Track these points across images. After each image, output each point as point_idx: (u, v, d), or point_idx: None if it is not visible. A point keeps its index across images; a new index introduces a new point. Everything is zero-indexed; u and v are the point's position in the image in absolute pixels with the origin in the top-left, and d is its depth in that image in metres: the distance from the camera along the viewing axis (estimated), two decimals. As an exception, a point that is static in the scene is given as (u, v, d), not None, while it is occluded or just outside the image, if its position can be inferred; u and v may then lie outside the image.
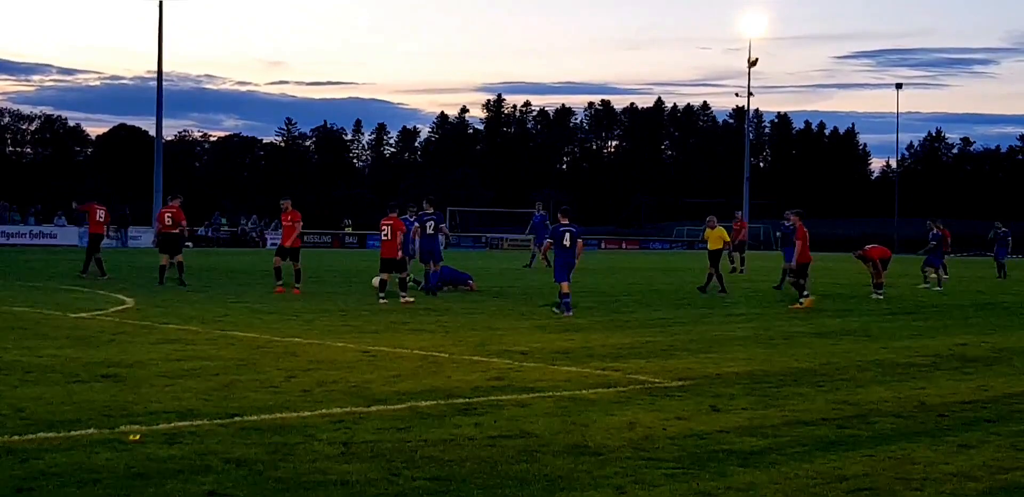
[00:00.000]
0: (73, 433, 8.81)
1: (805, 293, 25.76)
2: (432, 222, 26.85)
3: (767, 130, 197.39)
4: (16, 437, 8.59)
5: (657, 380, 12.59)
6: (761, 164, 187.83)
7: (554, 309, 22.28)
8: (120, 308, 20.75)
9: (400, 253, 24.19)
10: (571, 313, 21.76)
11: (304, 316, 19.83)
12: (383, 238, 24.54)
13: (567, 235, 22.70)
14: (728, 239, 28.20)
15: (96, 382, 11.50)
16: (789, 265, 27.60)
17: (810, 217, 45.20)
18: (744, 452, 8.78)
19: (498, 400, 10.94)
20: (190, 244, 26.50)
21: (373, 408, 10.30)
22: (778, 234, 43.98)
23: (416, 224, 26.48)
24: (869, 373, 13.86)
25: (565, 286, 22.22)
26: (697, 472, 8.09)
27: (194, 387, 11.21)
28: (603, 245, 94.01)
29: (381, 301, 23.53)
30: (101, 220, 31.72)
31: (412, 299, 23.89)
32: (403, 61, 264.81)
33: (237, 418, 9.59)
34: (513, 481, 7.71)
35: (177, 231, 28.79)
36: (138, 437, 8.57)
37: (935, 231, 38.27)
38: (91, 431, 8.91)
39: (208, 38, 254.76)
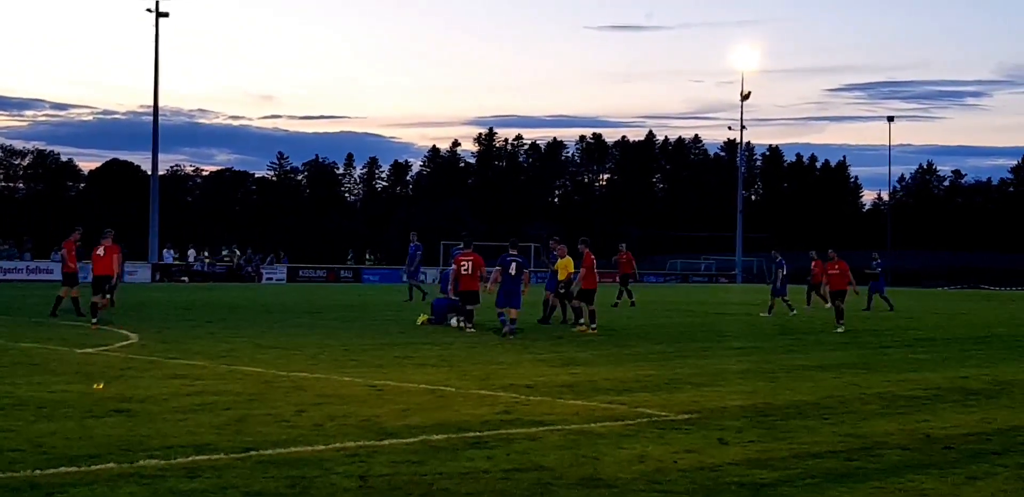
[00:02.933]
0: (94, 467, 8.91)
1: (582, 321, 26.78)
2: (515, 264, 26.16)
3: (759, 163, 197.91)
4: (38, 471, 8.68)
5: (663, 413, 12.71)
6: (753, 196, 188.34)
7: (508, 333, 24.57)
8: (125, 343, 20.84)
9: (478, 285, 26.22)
10: (512, 336, 24.28)
11: (308, 351, 19.92)
12: (463, 272, 26.28)
13: (513, 265, 25.64)
14: (572, 270, 27.91)
15: (110, 417, 11.59)
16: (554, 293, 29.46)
17: (802, 249, 45.49)
18: (755, 484, 8.90)
19: (508, 434, 11.06)
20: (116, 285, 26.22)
21: (386, 442, 10.41)
22: (768, 268, 44.10)
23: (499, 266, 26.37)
24: (873, 406, 13.99)
25: (513, 312, 25.10)
26: (711, 504, 8.21)
27: (207, 421, 11.32)
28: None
29: (469, 330, 25.68)
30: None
31: (472, 328, 25.79)
32: (395, 95, 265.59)
33: (253, 452, 9.70)
34: (531, 513, 7.84)
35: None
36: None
37: (877, 261, 40.14)
38: (111, 465, 9.01)
39: (201, 73, 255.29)
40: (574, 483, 8.79)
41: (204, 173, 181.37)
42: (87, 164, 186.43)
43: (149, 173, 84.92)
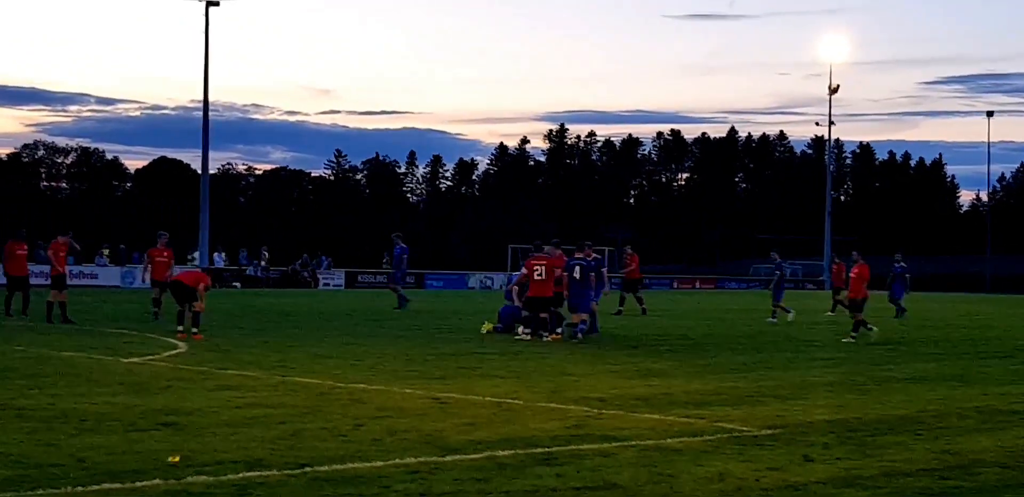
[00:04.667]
0: (139, 484, 8.96)
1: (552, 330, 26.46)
2: (579, 268, 26.72)
3: (848, 161, 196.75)
4: (80, 488, 8.75)
5: (745, 428, 12.64)
6: (842, 197, 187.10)
7: (576, 336, 25.78)
8: (173, 353, 21.03)
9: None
10: (581, 336, 25.77)
11: (367, 361, 20.01)
12: (536, 277, 26.24)
13: (577, 268, 26.51)
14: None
15: (156, 430, 11.67)
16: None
17: (895, 254, 45.20)
18: (843, 505, 8.84)
19: (579, 449, 11.03)
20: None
21: (448, 458, 10.42)
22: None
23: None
24: (970, 421, 13.86)
25: (584, 316, 26.40)
26: (795, 526, 8.16)
27: (259, 436, 11.38)
28: (675, 285, 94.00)
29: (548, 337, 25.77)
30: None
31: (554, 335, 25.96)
32: (460, 89, 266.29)
33: (308, 469, 9.73)
34: (602, 535, 7.83)
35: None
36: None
37: (900, 265, 39.75)
38: (157, 482, 9.04)
39: (255, 66, 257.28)
40: (648, 503, 8.77)
41: (257, 172, 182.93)
42: (134, 162, 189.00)
43: (199, 172, 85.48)
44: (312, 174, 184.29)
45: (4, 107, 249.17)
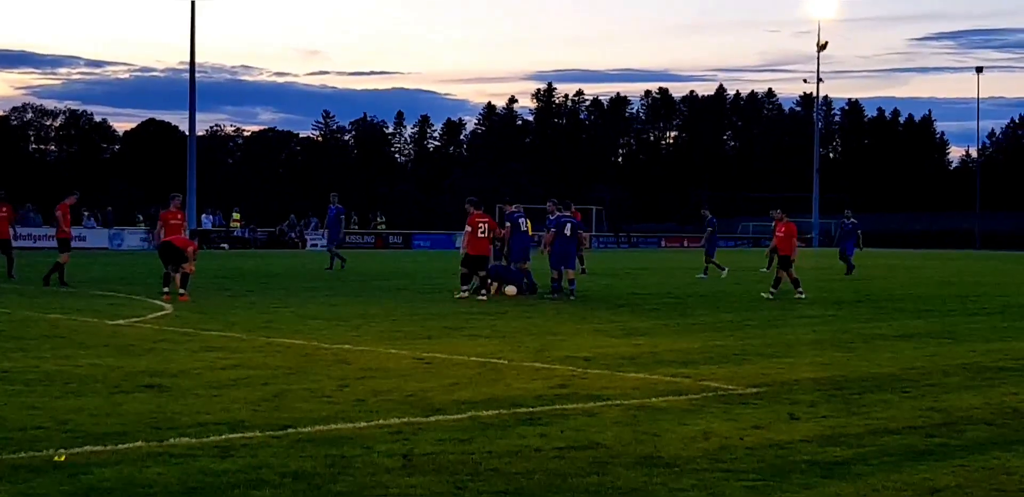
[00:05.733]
0: (121, 446, 8.94)
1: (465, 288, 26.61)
2: (570, 225, 27.17)
3: (837, 118, 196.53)
4: (63, 450, 8.71)
5: (730, 387, 12.63)
6: (831, 154, 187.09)
7: (551, 295, 26.37)
8: (159, 314, 20.97)
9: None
10: (574, 297, 26.15)
11: (352, 321, 19.98)
12: (479, 235, 26.32)
13: (568, 225, 26.86)
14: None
15: (140, 392, 11.64)
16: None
17: (884, 211, 45.24)
18: (827, 463, 8.82)
19: (563, 409, 11.02)
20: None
21: (432, 418, 10.40)
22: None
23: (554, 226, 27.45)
24: (957, 378, 13.86)
25: (571, 273, 26.80)
26: (778, 484, 8.14)
27: (243, 397, 11.35)
28: (664, 243, 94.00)
29: (462, 295, 25.85)
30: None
31: (480, 297, 25.88)
32: (449, 49, 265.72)
33: (291, 430, 9.71)
34: (584, 494, 7.79)
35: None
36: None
37: (850, 221, 40.01)
38: (139, 444, 9.03)
39: (244, 27, 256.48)
40: (632, 462, 8.74)
41: (246, 133, 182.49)
42: (123, 125, 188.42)
43: (187, 133, 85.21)
44: (300, 135, 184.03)
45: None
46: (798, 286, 27.82)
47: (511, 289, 27.08)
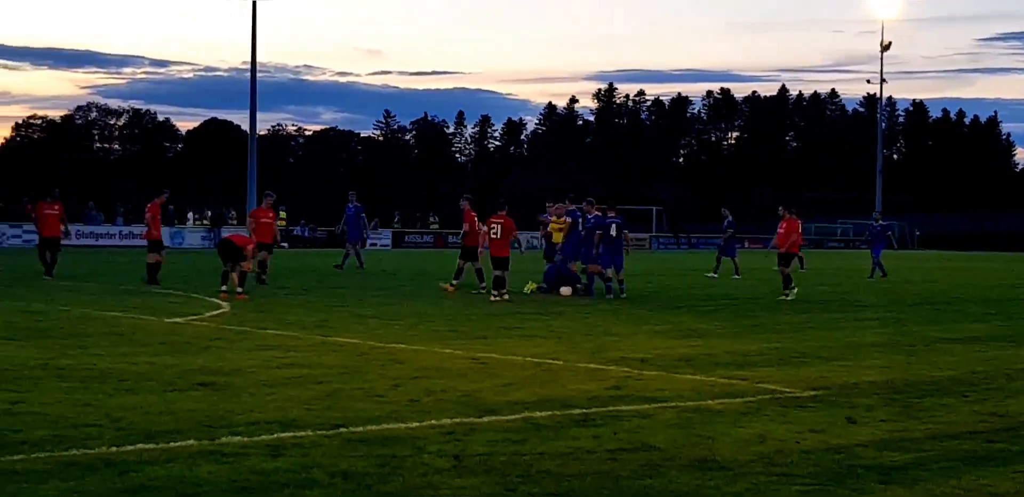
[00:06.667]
0: (172, 444, 8.93)
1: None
2: (615, 225, 27.49)
3: (901, 119, 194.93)
4: (114, 448, 8.72)
5: (788, 390, 12.50)
6: (894, 155, 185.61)
7: (607, 295, 26.65)
8: (216, 313, 21.05)
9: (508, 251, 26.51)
10: (624, 296, 26.59)
11: (408, 320, 19.98)
12: (492, 236, 26.38)
13: (613, 226, 27.22)
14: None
15: (194, 390, 11.66)
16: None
17: (947, 212, 44.84)
18: (885, 467, 8.69)
19: (617, 411, 10.93)
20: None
21: (485, 419, 10.34)
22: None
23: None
24: (1019, 382, 13.67)
25: (610, 272, 27.07)
26: (834, 489, 8.02)
27: (296, 396, 11.33)
28: (746, 244, 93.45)
29: (503, 298, 25.54)
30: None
31: (507, 297, 25.64)
32: (511, 48, 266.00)
33: (343, 429, 9.68)
34: (637, 497, 7.72)
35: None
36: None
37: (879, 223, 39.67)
38: (191, 442, 9.03)
39: (307, 27, 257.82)
40: (686, 465, 8.64)
41: (307, 132, 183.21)
42: (186, 124, 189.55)
43: (248, 133, 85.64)
44: (361, 135, 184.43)
45: (60, 69, 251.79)
46: (787, 286, 27.66)
47: (566, 290, 27.10)
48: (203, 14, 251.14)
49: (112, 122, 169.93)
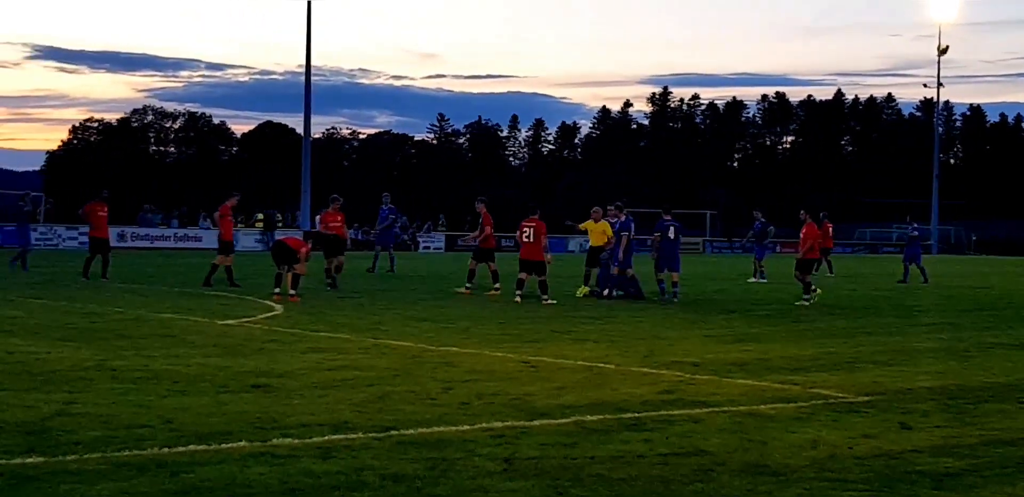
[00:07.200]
0: (224, 446, 8.98)
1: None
2: (673, 228, 27.93)
3: (958, 123, 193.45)
4: (166, 449, 8.78)
5: (841, 395, 12.43)
6: (952, 160, 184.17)
7: (660, 298, 26.78)
8: (269, 315, 21.13)
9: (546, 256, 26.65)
10: (677, 300, 26.61)
11: (460, 324, 20.00)
12: (524, 240, 26.53)
13: (671, 229, 27.56)
14: (611, 235, 27.99)
15: (246, 392, 11.71)
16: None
17: (1005, 217, 44.43)
18: (939, 474, 8.63)
19: (669, 415, 10.90)
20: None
21: (536, 422, 10.34)
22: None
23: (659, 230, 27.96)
24: (1076, 389, 13.54)
25: (675, 276, 27.19)
26: (888, 495, 7.97)
27: (347, 398, 11.36)
28: (779, 248, 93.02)
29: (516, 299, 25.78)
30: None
31: (554, 301, 25.65)
32: (565, 52, 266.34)
33: (393, 432, 9.70)
34: (688, 502, 7.69)
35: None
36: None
37: (913, 226, 39.18)
38: (242, 444, 9.07)
39: (363, 31, 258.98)
40: (737, 470, 8.61)
41: (361, 136, 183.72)
42: (240, 127, 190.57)
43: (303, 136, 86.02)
44: (415, 138, 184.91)
45: (117, 73, 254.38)
46: (807, 291, 27.45)
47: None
48: (259, 18, 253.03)
49: (168, 125, 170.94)
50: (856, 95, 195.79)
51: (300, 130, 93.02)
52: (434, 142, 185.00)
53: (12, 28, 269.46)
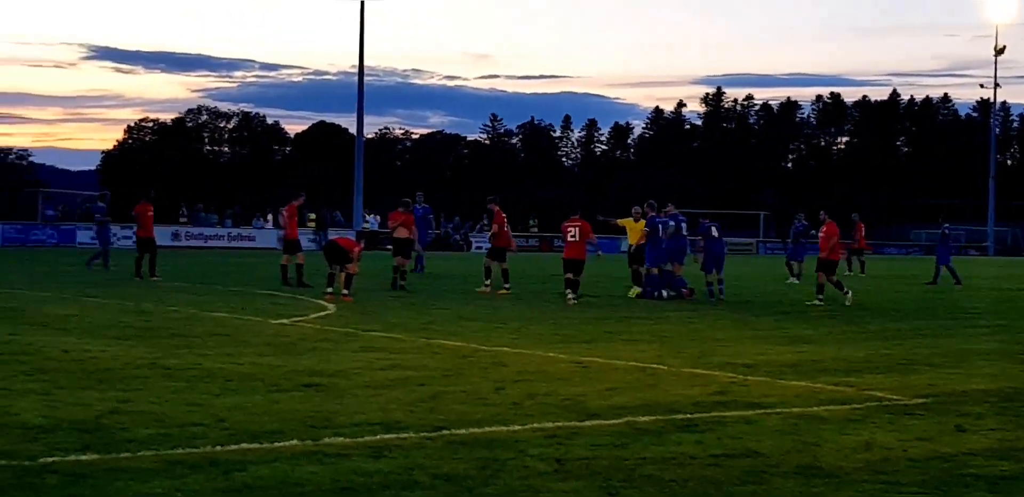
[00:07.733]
0: (276, 444, 9.03)
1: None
2: (715, 228, 28.45)
3: (1015, 124, 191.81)
4: (219, 448, 8.83)
5: (896, 397, 12.35)
6: (1008, 161, 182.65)
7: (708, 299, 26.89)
8: (322, 314, 21.21)
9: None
10: (723, 297, 27.06)
11: (512, 324, 20.01)
12: (569, 239, 26.47)
13: (713, 228, 28.09)
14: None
15: (298, 391, 11.75)
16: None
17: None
18: (994, 477, 8.56)
19: (721, 416, 10.86)
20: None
21: (587, 423, 10.33)
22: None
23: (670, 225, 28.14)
24: None
25: (719, 275, 27.30)
26: (942, 498, 7.93)
27: (399, 398, 11.39)
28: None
29: (571, 301, 25.50)
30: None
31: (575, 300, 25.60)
32: (618, 53, 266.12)
33: (445, 431, 9.72)
34: (740, 504, 7.67)
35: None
36: None
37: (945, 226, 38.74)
38: (294, 442, 9.11)
39: (416, 31, 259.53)
40: (790, 472, 8.57)
41: (414, 136, 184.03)
42: (294, 127, 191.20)
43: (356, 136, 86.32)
44: (468, 138, 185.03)
45: (172, 73, 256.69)
46: (820, 292, 27.23)
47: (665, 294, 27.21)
48: (313, 19, 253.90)
49: (222, 125, 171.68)
50: (912, 95, 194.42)
51: (353, 130, 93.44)
52: (487, 142, 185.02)
53: (69, 29, 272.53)
